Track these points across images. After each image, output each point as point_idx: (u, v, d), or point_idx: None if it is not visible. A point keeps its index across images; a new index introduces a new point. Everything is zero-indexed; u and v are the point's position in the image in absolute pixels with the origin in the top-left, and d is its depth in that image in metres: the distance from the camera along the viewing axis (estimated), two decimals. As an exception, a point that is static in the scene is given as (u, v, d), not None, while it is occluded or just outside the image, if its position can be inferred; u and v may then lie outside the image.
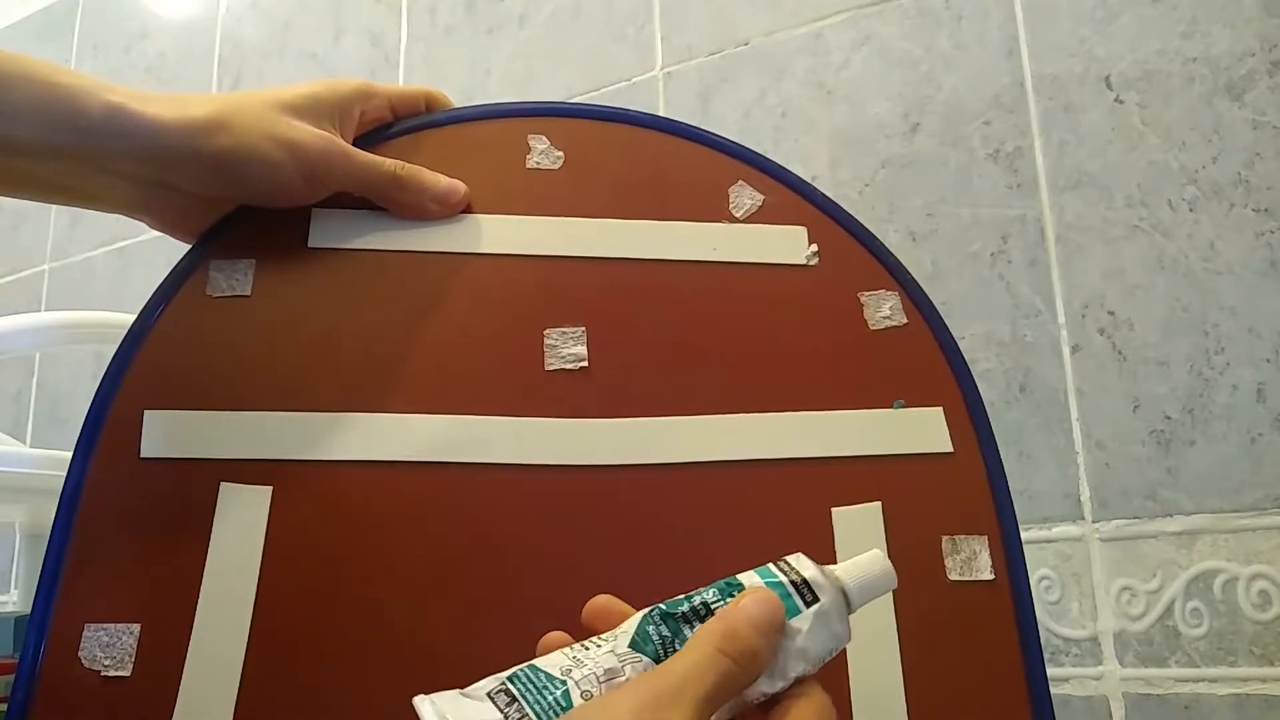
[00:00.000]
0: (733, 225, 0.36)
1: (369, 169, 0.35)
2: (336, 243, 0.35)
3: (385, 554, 0.31)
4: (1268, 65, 0.55)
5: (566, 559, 0.31)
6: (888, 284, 0.35)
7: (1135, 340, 0.56)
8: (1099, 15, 0.60)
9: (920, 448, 0.33)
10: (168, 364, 0.33)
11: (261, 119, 0.33)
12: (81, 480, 0.31)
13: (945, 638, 0.29)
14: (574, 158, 0.37)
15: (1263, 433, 0.52)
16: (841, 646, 0.23)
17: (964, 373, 0.33)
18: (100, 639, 0.29)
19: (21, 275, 1.13)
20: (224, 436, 0.32)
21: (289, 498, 0.31)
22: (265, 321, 0.34)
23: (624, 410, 0.33)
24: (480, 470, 0.32)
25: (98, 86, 0.31)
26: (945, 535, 0.31)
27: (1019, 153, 0.62)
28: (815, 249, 0.36)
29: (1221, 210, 0.55)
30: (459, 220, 0.36)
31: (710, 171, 0.37)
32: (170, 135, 0.31)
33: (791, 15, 0.72)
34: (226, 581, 0.30)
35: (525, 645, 0.30)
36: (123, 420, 0.32)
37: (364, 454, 0.32)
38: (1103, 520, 0.55)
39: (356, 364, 0.34)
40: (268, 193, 0.34)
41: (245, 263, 0.35)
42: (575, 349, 0.34)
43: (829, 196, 0.36)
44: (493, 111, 0.39)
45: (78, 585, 0.30)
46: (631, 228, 0.36)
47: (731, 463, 0.32)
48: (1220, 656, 0.51)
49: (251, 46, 1.03)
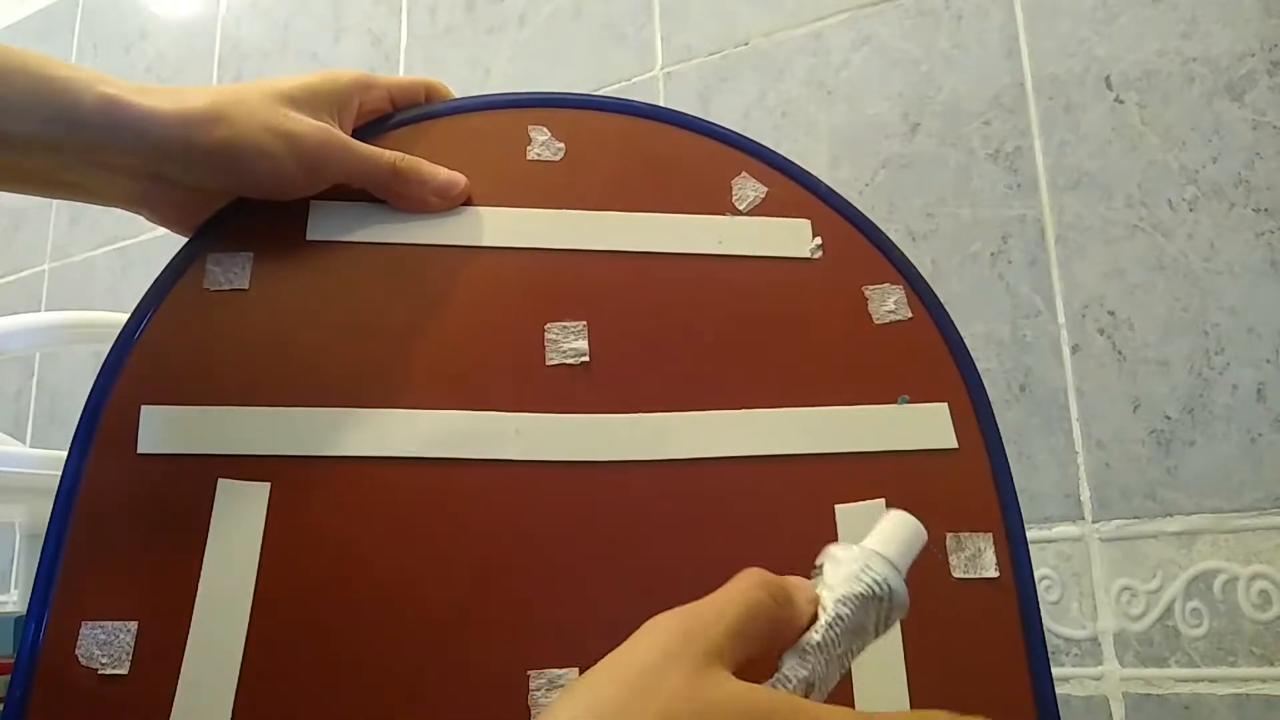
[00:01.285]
0: (736, 218, 0.36)
1: (368, 161, 0.34)
2: (335, 236, 0.35)
3: (384, 550, 0.31)
4: (1268, 65, 0.56)
5: (566, 555, 0.31)
6: (892, 278, 0.35)
7: (1135, 340, 0.56)
8: (1099, 15, 0.61)
9: (924, 444, 0.32)
10: (164, 359, 0.33)
11: (259, 110, 0.32)
12: (78, 477, 0.31)
13: (949, 636, 0.29)
14: (575, 149, 0.37)
15: (1263, 433, 0.52)
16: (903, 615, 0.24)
17: (969, 368, 0.33)
18: (97, 637, 0.29)
19: (21, 275, 1.13)
20: (222, 432, 0.32)
21: (287, 494, 0.31)
22: (263, 315, 0.34)
23: (625, 406, 0.33)
24: (480, 466, 0.32)
25: (92, 79, 0.31)
26: (949, 532, 0.31)
27: (1019, 153, 0.62)
28: (819, 242, 0.36)
29: (1221, 210, 0.55)
30: (459, 213, 0.36)
31: (713, 163, 0.37)
32: (166, 127, 0.31)
33: (791, 15, 0.72)
34: (225, 579, 0.30)
35: (525, 641, 0.30)
36: (119, 416, 0.32)
37: (362, 450, 0.32)
38: (1103, 520, 0.55)
39: (355, 359, 0.33)
40: (266, 185, 0.34)
41: (243, 256, 0.34)
42: (576, 344, 0.34)
43: (833, 189, 0.36)
44: (493, 102, 0.38)
45: (74, 583, 0.30)
46: (633, 220, 0.36)
47: (733, 459, 0.32)
48: (1220, 656, 0.51)
49: (251, 46, 1.03)
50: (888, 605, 0.23)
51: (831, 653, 0.22)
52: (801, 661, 0.22)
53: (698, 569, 0.31)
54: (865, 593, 0.23)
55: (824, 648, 0.22)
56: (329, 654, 0.29)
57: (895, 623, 0.24)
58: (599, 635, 0.30)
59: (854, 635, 0.23)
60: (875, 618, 0.23)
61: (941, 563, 0.31)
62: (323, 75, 0.35)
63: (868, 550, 0.24)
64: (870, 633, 0.23)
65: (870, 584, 0.23)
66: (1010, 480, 0.32)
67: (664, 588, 0.30)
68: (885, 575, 0.23)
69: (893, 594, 0.23)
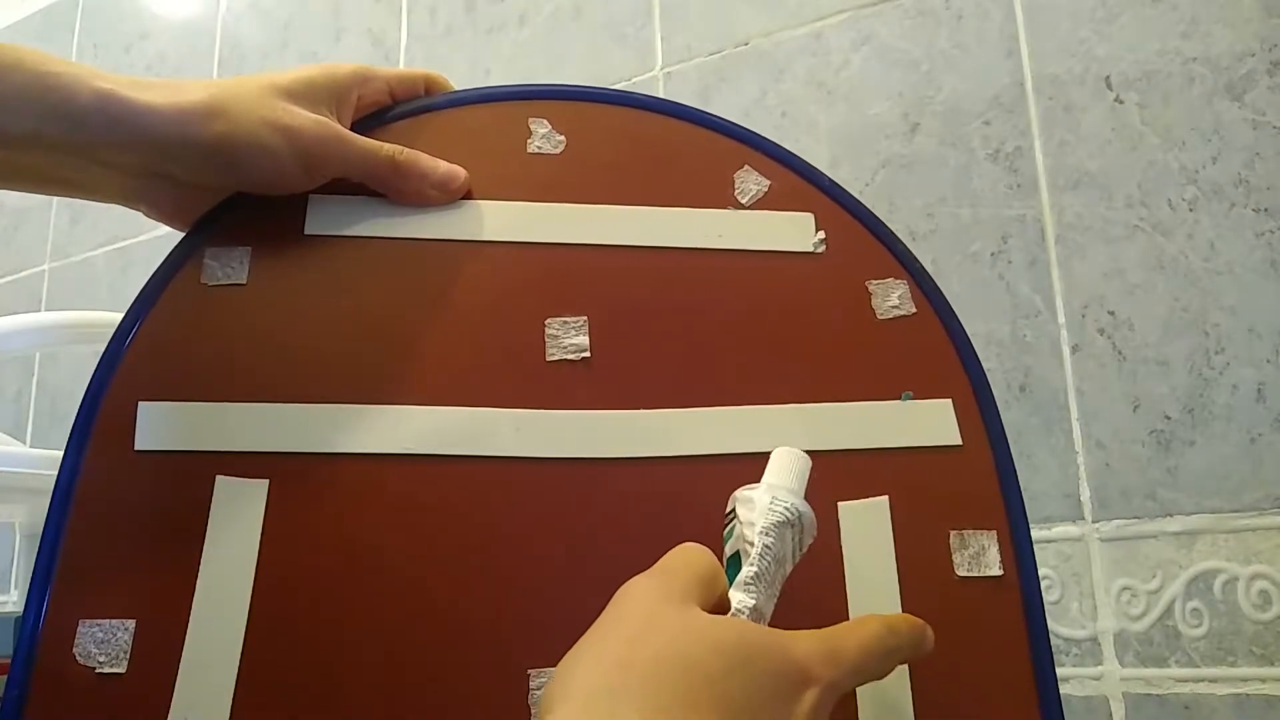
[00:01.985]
0: (738, 212, 0.36)
1: (367, 154, 0.34)
2: (334, 230, 0.35)
3: (383, 549, 0.30)
4: (1268, 65, 0.56)
5: (566, 553, 0.31)
6: (896, 272, 0.34)
7: (1135, 340, 0.56)
8: (1099, 15, 0.61)
9: (928, 441, 0.32)
10: (162, 355, 0.32)
11: (257, 105, 0.32)
12: (75, 474, 0.31)
13: (953, 635, 0.29)
14: (576, 142, 0.37)
15: (1263, 433, 0.52)
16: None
17: (973, 364, 0.33)
18: (95, 635, 0.29)
19: (21, 275, 1.13)
20: (220, 428, 0.31)
21: (286, 491, 0.31)
22: (262, 311, 0.33)
23: (626, 402, 0.33)
24: (479, 464, 0.32)
25: (88, 74, 0.30)
26: (953, 530, 0.31)
27: (1019, 153, 0.62)
28: (822, 236, 0.35)
29: (1221, 210, 0.55)
30: (458, 206, 0.35)
31: (715, 156, 0.36)
32: (163, 123, 0.31)
33: (791, 15, 0.72)
34: (223, 577, 0.30)
35: (524, 640, 0.30)
36: (116, 412, 0.31)
37: (362, 447, 0.32)
38: (1103, 520, 0.55)
39: (354, 354, 0.33)
40: (264, 180, 0.33)
41: (241, 250, 0.34)
42: (577, 339, 0.33)
43: (836, 182, 0.36)
44: (493, 94, 0.38)
45: (72, 581, 0.29)
46: (634, 214, 0.35)
47: (735, 456, 0.32)
48: (1220, 656, 0.51)
49: (251, 46, 1.03)
50: (799, 528, 0.26)
51: (767, 581, 0.25)
52: (747, 594, 0.25)
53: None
54: (781, 520, 0.25)
55: (761, 577, 0.25)
56: (328, 653, 0.29)
57: (807, 545, 0.26)
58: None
59: (779, 564, 0.25)
60: (792, 543, 0.26)
61: (945, 561, 0.30)
62: (321, 68, 0.34)
63: (771, 485, 0.27)
64: (790, 559, 0.26)
65: (784, 511, 0.26)
66: (1014, 477, 0.31)
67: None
68: (793, 501, 0.26)
69: (802, 516, 0.26)
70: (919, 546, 0.31)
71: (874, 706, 0.29)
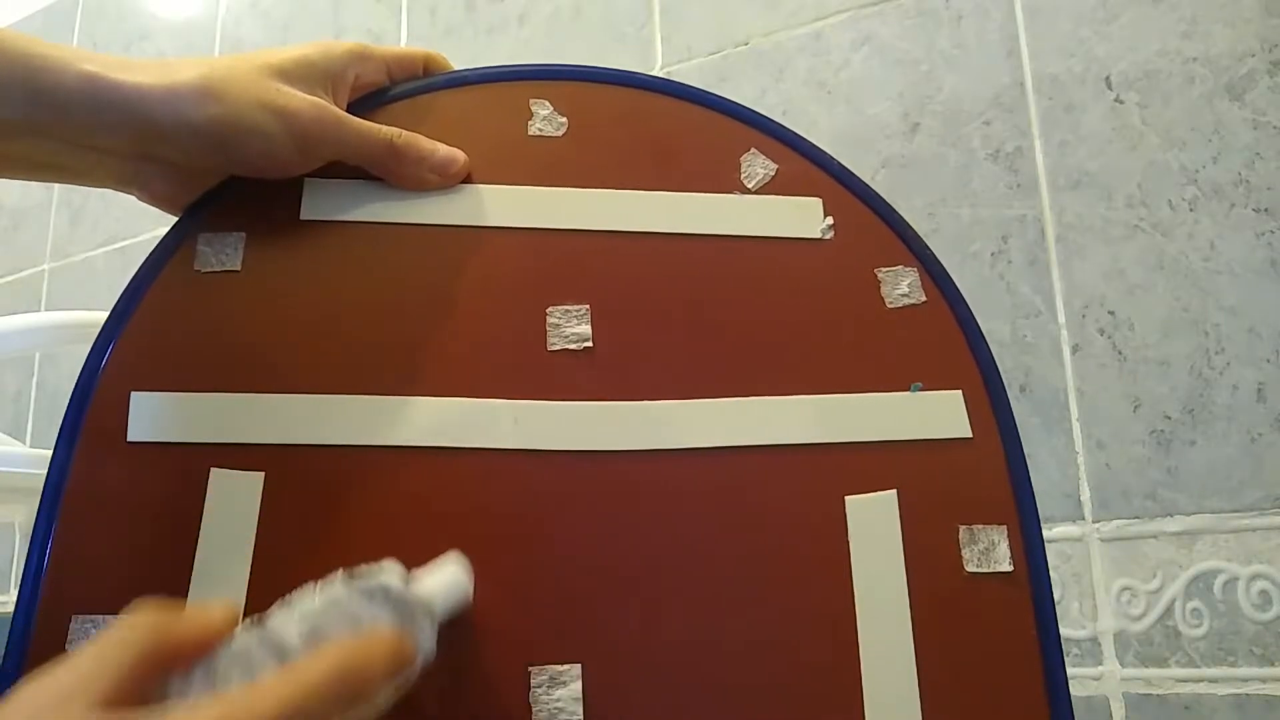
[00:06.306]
0: (744, 196, 0.35)
1: (364, 137, 0.33)
2: (330, 215, 0.34)
3: (380, 541, 0.30)
4: (1268, 65, 0.56)
5: (566, 549, 0.30)
6: (906, 260, 0.34)
7: (1135, 340, 0.56)
8: (1099, 15, 0.61)
9: (938, 433, 0.31)
10: (155, 343, 0.32)
11: (251, 85, 0.31)
12: (67, 466, 0.30)
13: (961, 631, 0.28)
14: (578, 124, 0.36)
15: (1263, 433, 0.52)
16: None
17: (984, 354, 0.32)
18: (88, 631, 0.28)
19: (21, 275, 1.12)
20: (214, 419, 0.31)
21: (282, 483, 0.30)
22: (256, 298, 0.33)
23: (629, 393, 0.32)
24: (478, 456, 0.31)
25: (73, 56, 0.29)
26: (963, 525, 0.30)
27: (1019, 153, 0.62)
28: (831, 222, 0.35)
29: (1221, 210, 0.56)
30: (458, 191, 0.34)
31: (721, 139, 0.35)
32: (153, 104, 0.30)
33: (791, 15, 0.72)
34: (218, 571, 0.29)
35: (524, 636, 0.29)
36: (109, 403, 0.31)
37: (359, 438, 0.31)
38: (1103, 520, 0.55)
39: (351, 344, 0.32)
40: (258, 163, 0.32)
41: (235, 236, 0.33)
42: (579, 328, 0.33)
43: (845, 166, 0.35)
44: (493, 74, 0.37)
45: (64, 576, 0.29)
46: (638, 199, 0.35)
47: (739, 449, 0.31)
48: (1220, 656, 0.51)
49: (251, 46, 1.03)
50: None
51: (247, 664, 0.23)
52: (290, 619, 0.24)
53: (703, 564, 0.30)
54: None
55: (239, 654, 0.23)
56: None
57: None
58: (601, 631, 0.29)
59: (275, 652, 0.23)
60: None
61: (954, 556, 0.30)
62: (316, 46, 0.33)
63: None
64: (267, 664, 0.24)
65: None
66: (1025, 471, 0.31)
67: (668, 583, 0.30)
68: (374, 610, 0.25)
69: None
70: (927, 541, 0.30)
71: (881, 704, 0.28)
